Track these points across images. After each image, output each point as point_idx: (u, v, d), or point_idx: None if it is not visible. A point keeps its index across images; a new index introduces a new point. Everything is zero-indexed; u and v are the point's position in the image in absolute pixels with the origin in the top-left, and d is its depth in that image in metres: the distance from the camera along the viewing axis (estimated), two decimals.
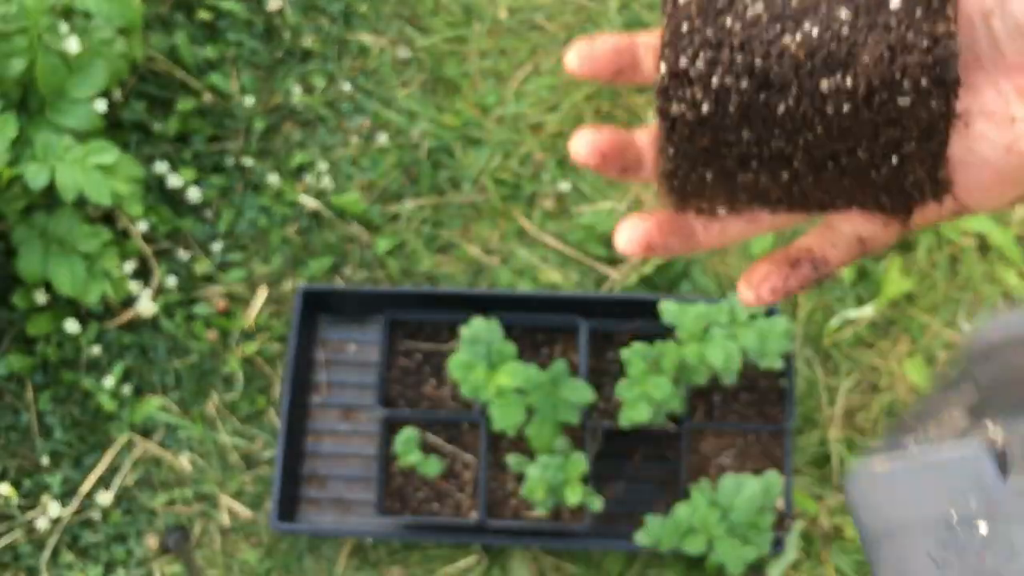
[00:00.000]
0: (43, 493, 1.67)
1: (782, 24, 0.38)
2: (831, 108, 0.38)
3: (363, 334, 1.76)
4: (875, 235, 0.45)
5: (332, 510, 1.68)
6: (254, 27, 1.89)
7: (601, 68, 0.46)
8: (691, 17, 0.40)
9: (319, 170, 1.82)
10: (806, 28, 0.38)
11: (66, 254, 1.55)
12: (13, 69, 1.43)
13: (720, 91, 0.39)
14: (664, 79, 0.40)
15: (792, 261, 0.46)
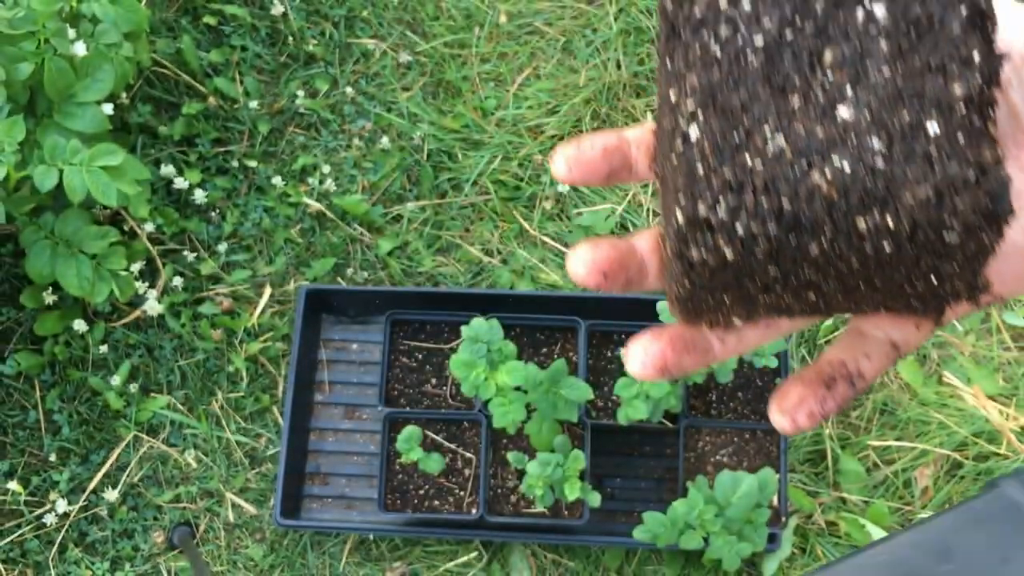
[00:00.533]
0: (51, 490, 1.68)
1: (808, 159, 0.34)
2: (869, 246, 0.34)
3: (365, 333, 1.77)
4: (908, 338, 0.42)
5: (335, 506, 1.69)
6: (258, 32, 1.91)
7: (590, 173, 0.43)
8: (705, 156, 0.35)
9: (322, 172, 1.83)
10: (836, 163, 0.34)
11: (74, 255, 1.56)
12: (21, 73, 1.44)
13: (746, 238, 0.35)
14: (681, 227, 0.36)
15: (826, 380, 0.42)
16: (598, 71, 1.89)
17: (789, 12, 0.36)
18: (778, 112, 0.35)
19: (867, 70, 0.35)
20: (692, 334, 0.42)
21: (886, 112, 0.34)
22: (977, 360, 1.72)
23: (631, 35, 1.92)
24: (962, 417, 1.67)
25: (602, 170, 0.43)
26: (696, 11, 0.37)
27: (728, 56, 0.36)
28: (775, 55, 0.36)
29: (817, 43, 0.36)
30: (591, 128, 1.85)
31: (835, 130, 0.34)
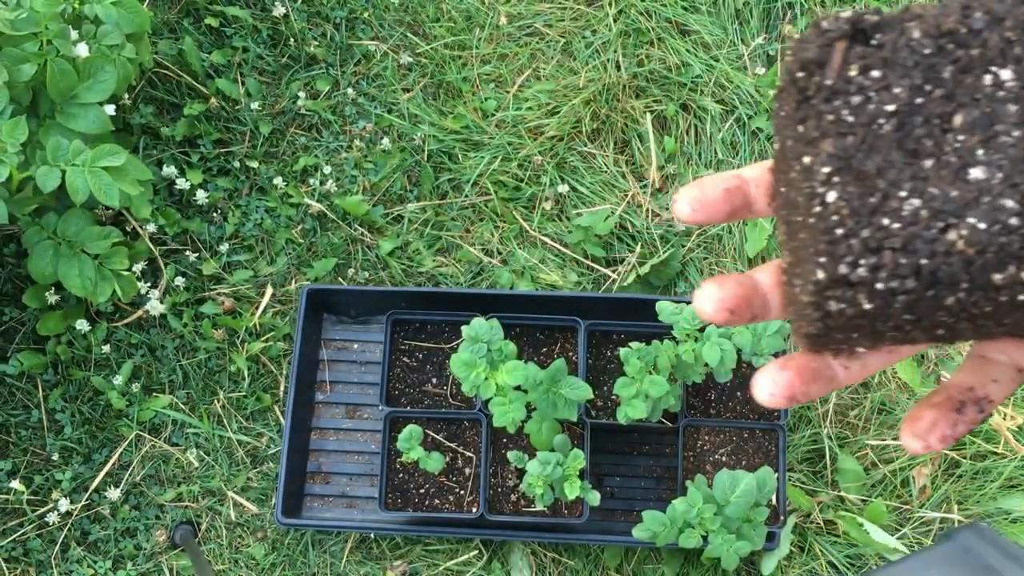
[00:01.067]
0: (53, 489, 1.69)
1: (944, 220, 0.35)
2: (1004, 296, 0.36)
3: (366, 333, 1.78)
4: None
5: (336, 505, 1.69)
6: (260, 33, 1.92)
7: (714, 214, 0.44)
8: (844, 219, 0.37)
9: (323, 173, 1.84)
10: (971, 222, 0.35)
11: (76, 255, 1.56)
12: (24, 74, 1.44)
13: (885, 292, 0.36)
14: (822, 284, 0.37)
15: (956, 404, 0.43)
16: (598, 72, 1.90)
17: (919, 79, 0.37)
18: (913, 176, 0.37)
19: (997, 132, 0.36)
20: (818, 363, 0.43)
21: (1018, 172, 0.35)
22: None
23: (631, 36, 1.93)
24: None
25: (724, 210, 0.44)
26: (828, 80, 0.38)
27: (861, 123, 0.38)
28: (906, 121, 0.37)
29: (947, 107, 0.37)
30: (590, 129, 1.86)
31: (969, 191, 0.36)
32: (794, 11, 1.96)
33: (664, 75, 1.91)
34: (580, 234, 1.78)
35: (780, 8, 1.96)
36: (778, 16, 1.97)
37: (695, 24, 1.93)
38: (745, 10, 1.96)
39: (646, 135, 1.87)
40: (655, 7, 1.94)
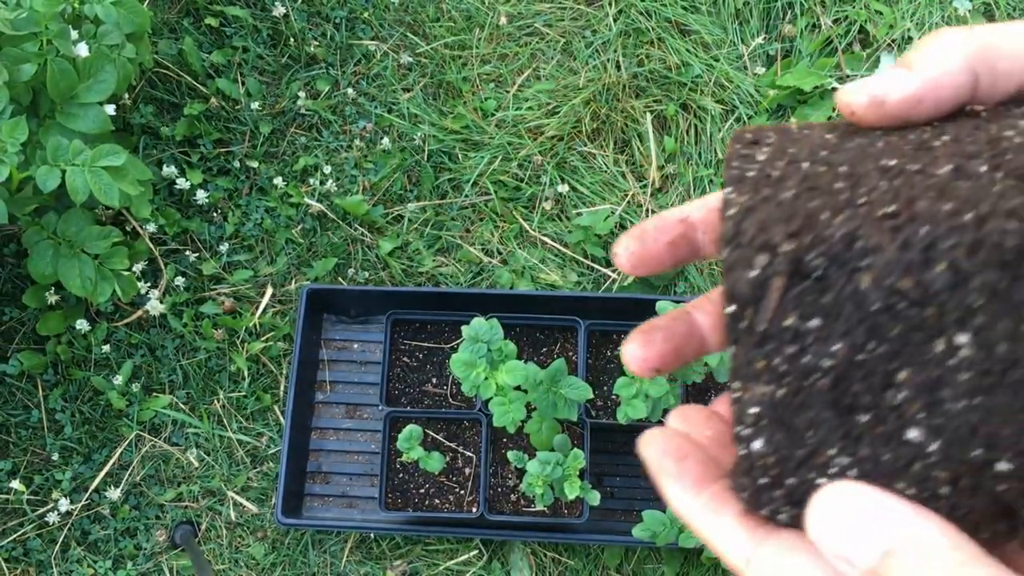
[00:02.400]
0: (53, 489, 1.69)
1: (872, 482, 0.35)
2: None
3: (366, 333, 1.78)
4: None
5: (336, 505, 1.69)
6: (260, 33, 1.92)
7: (656, 266, 0.43)
8: (767, 467, 0.36)
9: (323, 173, 1.84)
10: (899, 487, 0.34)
11: (76, 255, 1.56)
12: (24, 74, 1.44)
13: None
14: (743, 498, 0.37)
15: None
16: (598, 72, 1.90)
17: (862, 336, 0.35)
18: (845, 434, 0.35)
19: (942, 399, 0.34)
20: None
21: (957, 445, 0.34)
22: None
23: (631, 36, 1.93)
24: None
25: (667, 263, 0.43)
26: (758, 325, 0.35)
27: (794, 376, 0.35)
28: (844, 378, 0.35)
29: (890, 365, 0.34)
30: (590, 129, 1.86)
31: (901, 456, 0.34)
32: (794, 11, 1.96)
33: (664, 75, 1.91)
34: (580, 234, 1.78)
35: (780, 8, 1.96)
36: (778, 16, 1.97)
37: (695, 24, 1.93)
38: (745, 10, 1.96)
39: (646, 135, 1.87)
40: (655, 7, 1.94)
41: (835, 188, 0.36)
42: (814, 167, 0.37)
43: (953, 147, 0.37)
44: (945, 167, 0.35)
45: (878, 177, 0.36)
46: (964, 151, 0.36)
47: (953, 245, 0.33)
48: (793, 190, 0.36)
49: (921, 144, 0.38)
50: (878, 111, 0.39)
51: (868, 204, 0.35)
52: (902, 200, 0.34)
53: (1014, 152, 0.35)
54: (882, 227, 0.34)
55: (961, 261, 0.33)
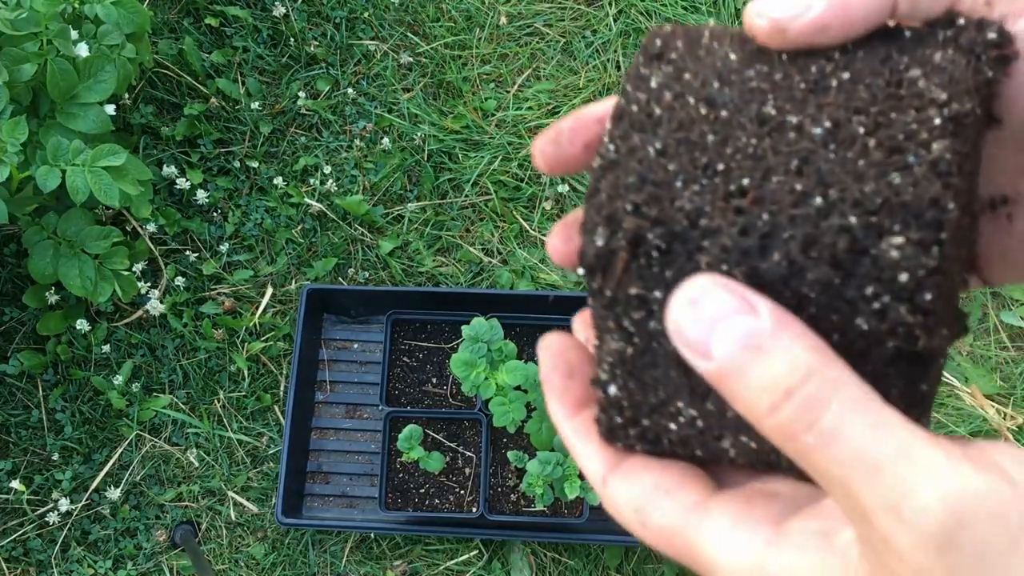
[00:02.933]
0: (53, 489, 1.69)
1: (719, 432, 0.37)
2: None
3: (366, 333, 1.78)
4: None
5: (336, 505, 1.69)
6: (260, 33, 1.92)
7: (573, 167, 0.43)
8: (622, 410, 0.38)
9: (323, 173, 1.84)
10: (743, 440, 0.36)
11: (76, 255, 1.56)
12: (24, 74, 1.44)
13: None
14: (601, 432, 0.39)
15: None
16: (598, 72, 1.90)
17: None
18: (691, 391, 0.36)
19: None
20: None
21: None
22: (975, 359, 1.73)
23: (631, 36, 1.93)
24: (960, 416, 1.68)
25: (584, 162, 0.43)
26: (605, 290, 0.37)
27: (641, 337, 0.37)
28: None
29: None
30: None
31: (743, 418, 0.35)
32: None
33: None
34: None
35: None
36: None
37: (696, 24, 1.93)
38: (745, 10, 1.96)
39: None
40: (655, 7, 1.94)
41: (704, 143, 0.37)
42: (697, 106, 0.38)
43: (845, 93, 0.37)
44: (823, 124, 0.36)
45: (751, 131, 0.37)
46: (853, 101, 0.37)
47: (789, 237, 0.34)
48: (660, 142, 0.38)
49: (816, 83, 0.38)
50: (780, 38, 0.38)
51: (725, 173, 0.36)
52: (758, 174, 0.36)
53: (900, 111, 0.36)
54: (726, 209, 0.35)
55: (795, 255, 0.34)
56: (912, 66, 0.37)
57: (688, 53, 0.41)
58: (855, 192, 0.34)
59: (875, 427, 0.32)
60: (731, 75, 0.39)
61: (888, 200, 0.34)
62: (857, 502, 0.32)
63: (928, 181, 0.34)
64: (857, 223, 0.34)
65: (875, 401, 0.33)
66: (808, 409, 0.32)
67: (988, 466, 0.31)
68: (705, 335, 0.34)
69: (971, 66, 0.36)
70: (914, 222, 0.34)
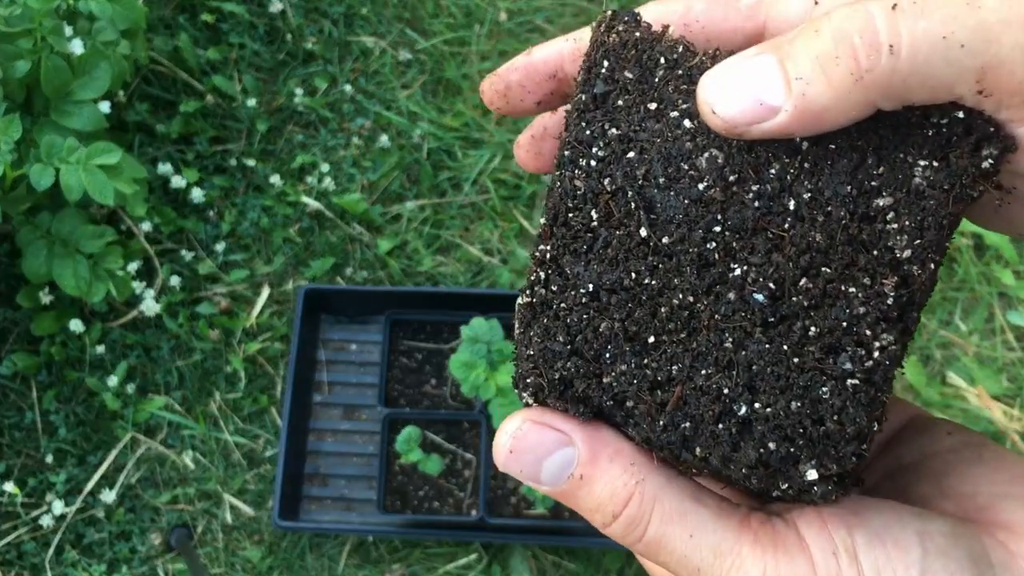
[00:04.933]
0: (48, 491, 1.67)
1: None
2: None
3: (364, 334, 1.76)
4: None
5: (334, 508, 1.68)
6: (257, 29, 1.90)
7: (524, 115, 0.44)
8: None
9: (321, 171, 1.83)
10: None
11: (70, 254, 1.55)
12: (18, 71, 1.43)
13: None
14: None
15: None
16: None
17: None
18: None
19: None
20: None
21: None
22: (981, 360, 1.71)
23: None
24: (966, 418, 1.66)
25: (535, 113, 0.44)
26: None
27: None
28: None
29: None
30: None
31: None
32: None
33: None
34: None
35: None
36: None
37: None
38: None
39: None
40: None
41: (638, 292, 0.37)
42: (638, 217, 0.37)
43: (801, 225, 0.35)
44: (767, 288, 0.35)
45: (691, 283, 0.36)
46: (805, 244, 0.35)
47: (709, 446, 0.36)
48: (592, 283, 0.38)
49: (773, 199, 0.36)
50: (736, 136, 0.36)
51: (656, 348, 0.37)
52: (687, 359, 0.37)
53: (852, 278, 0.34)
54: (651, 403, 0.37)
55: (714, 462, 0.37)
56: (885, 188, 0.34)
57: (637, 102, 0.38)
58: (780, 410, 0.35)
59: (691, 535, 0.37)
60: (681, 162, 0.37)
61: (808, 432, 0.35)
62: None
63: (856, 408, 0.34)
64: (775, 451, 0.35)
65: (690, 508, 0.37)
66: (632, 527, 0.38)
67: (792, 550, 0.36)
68: (532, 473, 0.39)
69: (953, 195, 0.34)
70: (833, 455, 0.35)
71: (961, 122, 0.34)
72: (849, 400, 0.34)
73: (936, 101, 0.34)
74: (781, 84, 0.34)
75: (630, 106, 0.38)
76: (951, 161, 0.34)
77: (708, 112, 0.35)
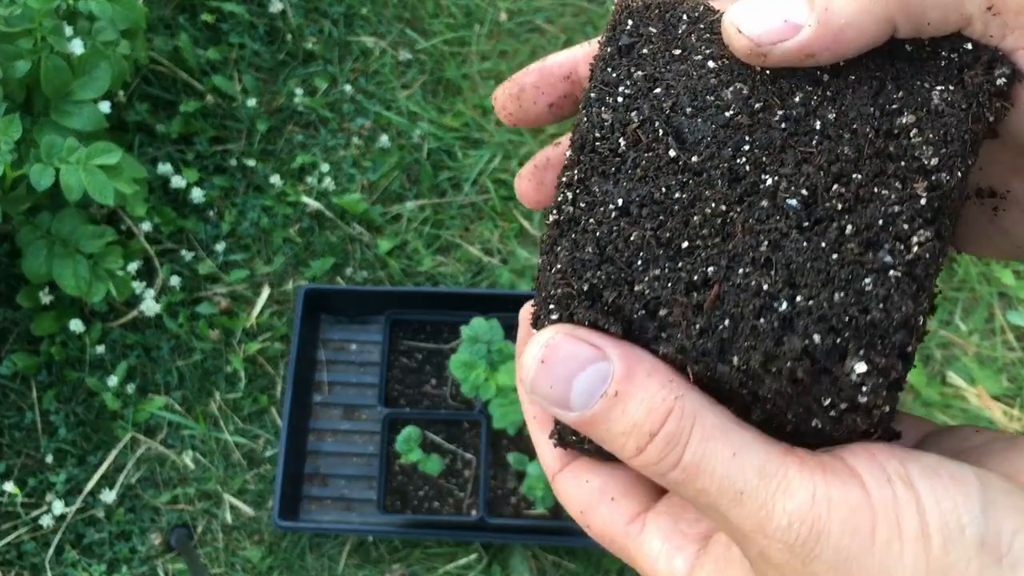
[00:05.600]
0: (47, 491, 1.67)
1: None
2: None
3: (364, 334, 1.76)
4: None
5: (334, 508, 1.68)
6: (256, 29, 1.90)
7: (537, 123, 0.44)
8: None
9: (321, 171, 1.83)
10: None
11: (70, 254, 1.55)
12: (18, 71, 1.43)
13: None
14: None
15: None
16: None
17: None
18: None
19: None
20: None
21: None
22: (981, 360, 1.71)
23: None
24: (966, 418, 1.66)
25: (549, 120, 0.44)
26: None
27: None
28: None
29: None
30: None
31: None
32: None
33: None
34: None
35: None
36: None
37: None
38: None
39: None
40: None
41: (670, 204, 0.37)
42: (666, 141, 0.37)
43: (828, 143, 0.36)
44: (800, 193, 0.35)
45: (722, 194, 0.36)
46: (834, 158, 0.35)
47: (749, 347, 0.34)
48: (622, 197, 0.37)
49: (798, 122, 0.36)
50: (759, 60, 0.37)
51: (689, 253, 0.36)
52: (724, 260, 0.35)
53: (884, 182, 0.34)
54: (687, 306, 0.35)
55: (754, 367, 0.34)
56: (906, 108, 0.35)
57: (662, 49, 0.39)
58: (823, 301, 0.34)
59: (734, 454, 0.34)
60: (707, 95, 0.38)
61: (854, 320, 0.33)
62: (730, 525, 0.34)
63: (900, 296, 0.33)
64: (820, 344, 0.33)
65: (731, 427, 0.35)
66: (671, 447, 0.34)
67: (842, 474, 0.33)
68: (562, 391, 0.36)
69: (971, 113, 0.35)
70: (880, 346, 0.33)
71: (970, 52, 0.36)
72: (893, 289, 0.33)
73: (948, 21, 0.35)
74: (805, 2, 0.35)
75: (655, 53, 0.39)
76: (966, 82, 0.35)
77: (734, 33, 0.36)
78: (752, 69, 0.37)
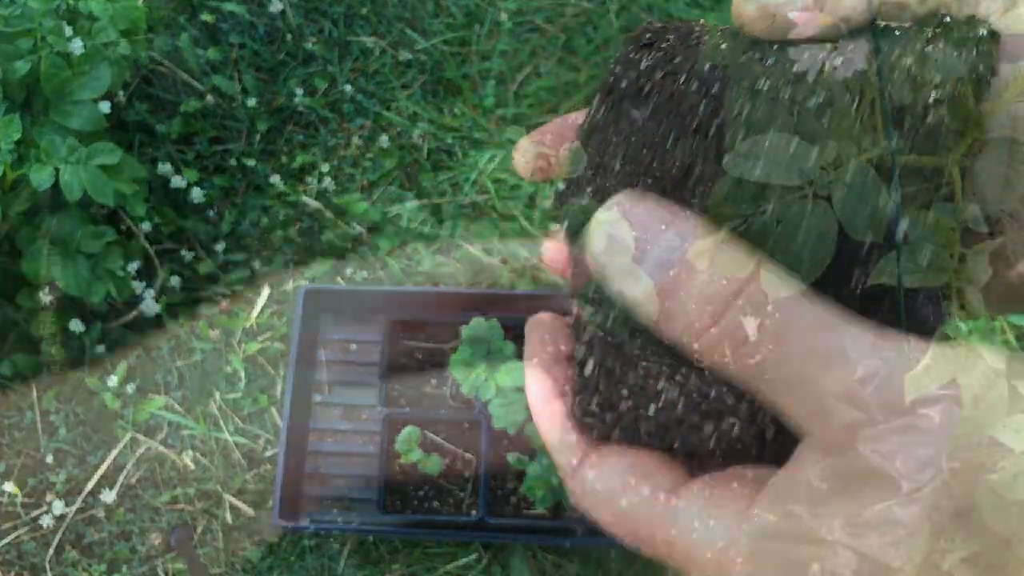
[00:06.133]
0: (47, 491, 1.67)
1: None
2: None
3: (364, 333, 1.76)
4: None
5: (334, 508, 1.68)
6: (257, 29, 1.90)
7: (559, 175, 0.43)
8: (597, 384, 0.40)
9: (321, 171, 1.83)
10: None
11: (70, 254, 1.55)
12: (18, 71, 1.43)
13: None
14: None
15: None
16: (599, 69, 1.88)
17: None
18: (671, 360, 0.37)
19: None
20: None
21: None
22: None
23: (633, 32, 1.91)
24: None
25: (563, 168, 0.43)
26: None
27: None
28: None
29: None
30: None
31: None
32: None
33: None
34: None
35: None
36: None
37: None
38: None
39: None
40: (657, 2, 1.93)
41: (695, 109, 0.38)
42: (689, 82, 0.39)
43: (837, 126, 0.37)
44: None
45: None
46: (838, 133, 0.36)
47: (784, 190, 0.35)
48: (648, 109, 0.39)
49: (804, 96, 0.37)
50: (766, 25, 0.37)
51: (718, 134, 0.37)
52: (753, 131, 0.36)
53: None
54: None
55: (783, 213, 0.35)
56: (905, 56, 0.37)
57: (679, 43, 0.42)
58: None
59: (825, 314, 0.33)
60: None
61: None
62: (813, 396, 0.32)
63: None
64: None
65: (814, 295, 0.33)
66: (754, 308, 0.32)
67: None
68: (638, 251, 0.34)
69: (963, 59, 0.36)
70: None
71: (954, 24, 0.37)
72: None
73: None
74: None
75: (672, 45, 0.44)
76: (954, 39, 0.37)
77: (741, 6, 0.38)
78: (759, 51, 0.39)
